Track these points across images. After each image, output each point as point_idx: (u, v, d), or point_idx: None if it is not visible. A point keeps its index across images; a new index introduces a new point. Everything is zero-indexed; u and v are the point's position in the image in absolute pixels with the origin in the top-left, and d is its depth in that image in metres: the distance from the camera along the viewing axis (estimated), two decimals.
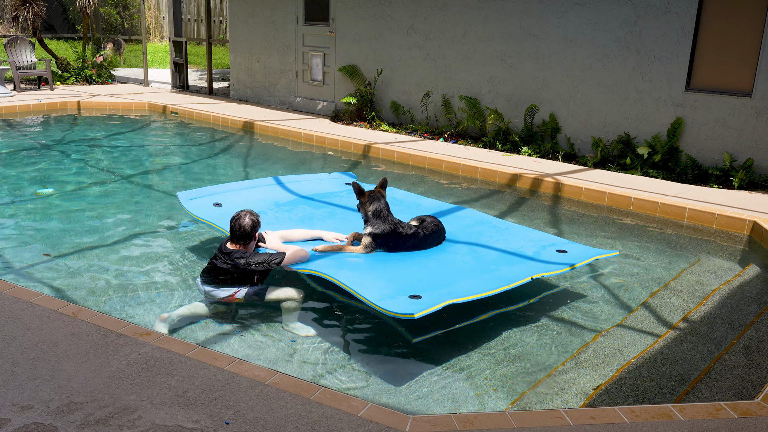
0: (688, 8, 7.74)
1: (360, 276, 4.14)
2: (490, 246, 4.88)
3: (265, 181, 6.31)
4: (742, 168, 7.47)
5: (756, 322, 4.42)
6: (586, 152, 8.75)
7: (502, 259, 4.65)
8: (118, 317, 3.98)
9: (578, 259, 4.62)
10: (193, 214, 5.19)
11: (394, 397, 3.46)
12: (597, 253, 4.83)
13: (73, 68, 15.01)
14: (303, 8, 11.85)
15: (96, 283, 4.71)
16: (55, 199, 6.76)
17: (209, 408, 2.94)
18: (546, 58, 8.99)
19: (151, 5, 22.32)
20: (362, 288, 3.87)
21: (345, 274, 4.08)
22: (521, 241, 4.98)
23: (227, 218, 5.07)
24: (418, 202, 5.88)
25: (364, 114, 10.88)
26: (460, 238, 5.00)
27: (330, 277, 4.05)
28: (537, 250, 4.80)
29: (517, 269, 4.38)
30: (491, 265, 4.54)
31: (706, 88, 7.84)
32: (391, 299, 3.75)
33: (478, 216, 5.63)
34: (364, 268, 4.37)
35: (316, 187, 6.16)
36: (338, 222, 5.26)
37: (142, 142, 10.13)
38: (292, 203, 5.72)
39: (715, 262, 5.61)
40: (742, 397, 3.49)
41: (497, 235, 5.13)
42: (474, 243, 4.93)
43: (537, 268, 4.41)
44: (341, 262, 4.38)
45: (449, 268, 4.46)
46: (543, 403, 3.44)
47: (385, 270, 4.37)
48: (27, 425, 2.78)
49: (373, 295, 3.78)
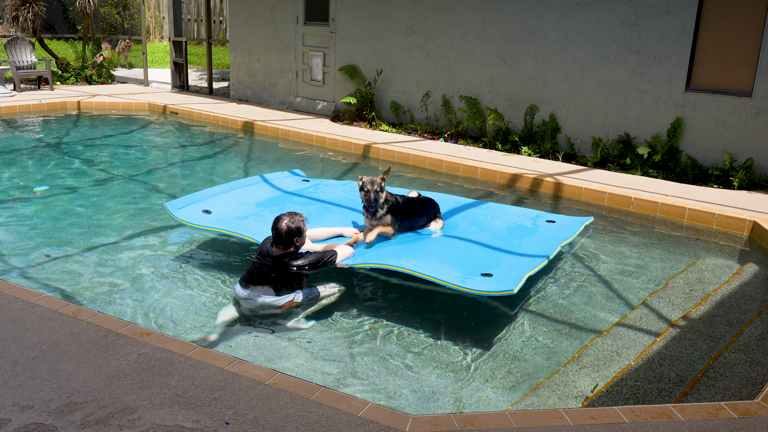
0: (688, 8, 7.74)
1: (421, 263, 4.35)
2: (494, 226, 5.33)
3: (250, 180, 6.30)
4: (742, 168, 7.47)
5: (756, 321, 4.42)
6: (586, 152, 8.75)
7: (517, 234, 5.16)
8: (118, 317, 3.97)
9: (573, 228, 5.37)
10: (187, 222, 5.11)
11: (394, 397, 3.46)
12: (581, 222, 5.57)
13: (73, 68, 15.01)
14: (303, 8, 11.85)
15: (96, 283, 4.71)
16: (55, 199, 6.76)
17: (209, 408, 2.94)
18: (546, 58, 8.99)
19: (151, 5, 22.32)
20: (437, 274, 4.16)
21: (409, 263, 4.32)
22: (513, 218, 5.58)
23: (221, 221, 5.05)
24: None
25: (364, 114, 10.88)
26: (459, 223, 5.35)
27: (404, 269, 4.26)
28: (534, 223, 5.47)
29: (539, 241, 5.00)
30: (514, 240, 5.02)
31: (706, 88, 7.84)
32: (472, 280, 4.13)
33: (459, 200, 6.06)
34: (413, 255, 4.56)
35: (294, 185, 6.22)
36: (334, 217, 5.32)
37: (142, 142, 10.13)
38: (277, 201, 5.72)
39: (715, 261, 5.61)
40: (742, 396, 3.49)
41: (488, 215, 5.61)
42: (475, 225, 5.34)
43: (552, 237, 5.08)
44: (388, 252, 4.60)
45: (481, 248, 4.80)
46: (543, 404, 3.44)
47: (431, 255, 4.58)
48: (27, 425, 2.78)
49: (453, 279, 4.11)
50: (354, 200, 5.74)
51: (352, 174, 8.37)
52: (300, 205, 5.62)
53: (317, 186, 6.31)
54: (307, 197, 5.94)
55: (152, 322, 4.16)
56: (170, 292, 4.60)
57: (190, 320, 4.21)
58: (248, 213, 5.33)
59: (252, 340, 4.00)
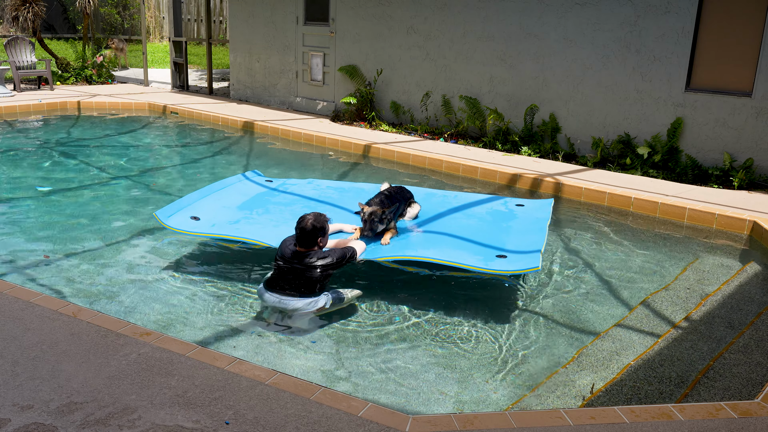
0: (688, 8, 7.74)
1: (439, 252, 4.57)
2: (475, 213, 5.57)
3: (222, 183, 6.16)
4: (742, 168, 7.47)
5: (756, 322, 4.42)
6: (586, 152, 8.75)
7: (501, 218, 5.42)
8: (118, 317, 3.97)
9: (545, 210, 5.58)
10: (180, 230, 4.99)
11: (394, 397, 3.46)
12: (548, 205, 5.76)
13: (73, 68, 15.01)
14: (303, 8, 11.85)
15: (96, 282, 4.71)
16: (55, 199, 6.76)
17: (209, 408, 2.94)
18: (546, 58, 8.99)
19: (151, 5, 22.32)
20: (461, 259, 4.42)
21: (428, 252, 4.55)
22: (488, 204, 5.85)
23: (216, 226, 5.00)
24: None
25: (364, 114, 10.88)
26: (443, 212, 5.58)
27: (428, 258, 4.47)
28: (507, 207, 5.75)
29: (525, 223, 5.27)
30: (502, 224, 5.28)
31: (706, 88, 7.84)
32: (493, 262, 4.43)
33: (429, 191, 6.25)
34: (426, 245, 4.77)
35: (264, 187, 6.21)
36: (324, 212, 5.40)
37: (143, 142, 10.14)
38: (259, 203, 5.69)
39: (715, 261, 5.61)
40: (742, 396, 3.49)
41: (464, 203, 5.84)
42: (459, 213, 5.55)
43: (533, 219, 5.35)
44: (400, 245, 4.76)
45: (481, 231, 5.05)
46: (543, 404, 3.44)
47: (442, 244, 4.77)
48: (27, 425, 2.78)
49: (476, 263, 4.37)
50: (336, 198, 5.85)
51: (352, 174, 8.37)
52: (283, 206, 5.58)
53: (284, 185, 6.26)
54: (291, 194, 5.92)
55: (152, 322, 4.16)
56: (171, 291, 4.60)
57: (191, 320, 4.21)
58: (239, 217, 5.28)
59: (252, 340, 4.00)
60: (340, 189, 6.18)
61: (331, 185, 6.33)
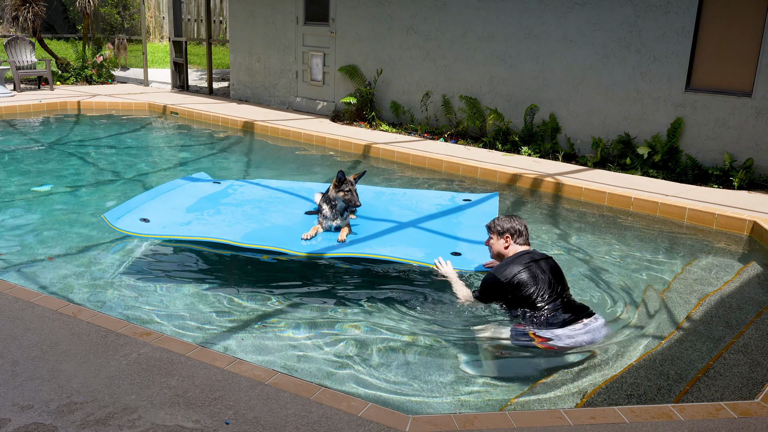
0: (688, 8, 7.74)
1: (394, 250, 4.60)
2: (423, 209, 5.64)
3: (169, 185, 6.03)
4: (742, 168, 7.47)
5: (756, 322, 4.42)
6: (586, 152, 8.75)
7: (450, 214, 5.54)
8: (118, 317, 3.98)
9: (492, 205, 5.73)
10: (129, 232, 4.84)
11: (394, 397, 3.46)
12: (493, 197, 5.92)
13: (73, 68, 15.01)
14: (303, 8, 11.85)
15: (96, 282, 4.71)
16: (55, 199, 6.76)
17: (209, 408, 2.94)
18: (546, 58, 8.99)
19: (151, 5, 22.32)
20: (414, 257, 4.49)
21: (384, 250, 4.58)
22: (436, 200, 5.92)
23: (168, 227, 4.92)
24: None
25: (364, 114, 10.88)
26: (393, 209, 5.62)
27: (383, 255, 4.50)
28: (454, 203, 5.85)
29: (474, 218, 5.41)
30: (452, 220, 5.38)
31: (706, 88, 7.84)
32: (451, 259, 4.51)
33: (377, 189, 6.31)
34: (376, 244, 4.78)
35: (212, 187, 6.11)
36: (276, 213, 5.39)
37: (143, 142, 10.14)
38: (208, 204, 5.60)
39: (714, 261, 5.61)
40: (742, 396, 3.49)
41: (413, 200, 5.88)
42: (408, 210, 5.61)
43: (480, 213, 5.49)
44: (360, 240, 4.81)
45: (429, 231, 5.12)
46: (543, 404, 3.44)
47: (395, 242, 4.82)
48: (27, 425, 2.78)
49: (429, 260, 4.44)
50: (287, 199, 5.77)
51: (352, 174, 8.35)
52: (234, 206, 5.47)
53: (233, 186, 6.16)
54: (241, 194, 5.85)
55: (152, 322, 4.16)
56: (171, 291, 4.60)
57: (191, 320, 4.21)
58: (189, 218, 5.13)
59: (252, 340, 4.00)
60: (289, 189, 6.14)
61: (280, 185, 6.27)
